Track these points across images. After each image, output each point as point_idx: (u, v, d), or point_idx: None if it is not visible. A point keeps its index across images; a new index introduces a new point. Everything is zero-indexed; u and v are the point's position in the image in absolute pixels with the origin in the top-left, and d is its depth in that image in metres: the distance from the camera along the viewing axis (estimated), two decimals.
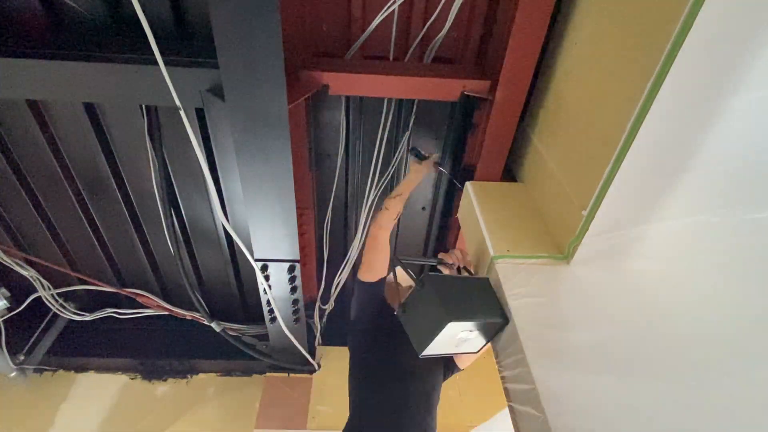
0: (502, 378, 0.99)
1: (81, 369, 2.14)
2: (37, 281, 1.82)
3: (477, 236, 1.26)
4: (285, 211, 1.31)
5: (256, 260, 1.47)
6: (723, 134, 0.83)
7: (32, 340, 1.96)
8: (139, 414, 2.01)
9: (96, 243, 1.81)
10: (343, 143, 1.57)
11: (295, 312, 1.70)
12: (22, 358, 1.91)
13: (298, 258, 1.47)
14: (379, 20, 1.29)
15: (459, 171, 1.59)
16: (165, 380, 2.13)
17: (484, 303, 1.00)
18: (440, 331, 0.90)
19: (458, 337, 0.98)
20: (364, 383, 1.28)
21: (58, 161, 1.52)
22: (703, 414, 0.79)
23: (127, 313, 2.00)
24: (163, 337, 2.18)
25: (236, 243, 1.43)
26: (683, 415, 0.79)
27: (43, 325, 2.02)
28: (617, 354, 0.89)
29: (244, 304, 2.12)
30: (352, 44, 1.37)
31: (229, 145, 1.26)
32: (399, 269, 1.34)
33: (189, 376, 2.16)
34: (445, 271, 1.27)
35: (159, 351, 2.13)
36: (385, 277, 1.32)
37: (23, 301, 1.84)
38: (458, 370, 1.36)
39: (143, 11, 0.94)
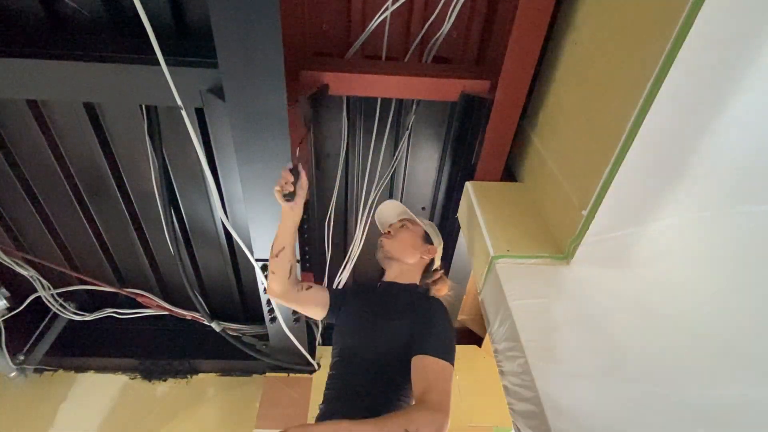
0: (503, 377, 0.99)
1: (81, 369, 2.14)
2: (37, 281, 1.82)
3: (477, 236, 1.26)
4: None
5: (257, 260, 1.47)
6: (723, 134, 0.83)
7: (32, 340, 1.96)
8: (139, 414, 2.01)
9: (96, 243, 1.81)
10: (344, 143, 1.57)
11: (295, 312, 1.70)
12: (22, 358, 1.91)
13: (298, 258, 1.47)
14: (378, 20, 1.29)
15: (459, 171, 1.59)
16: (165, 380, 2.13)
17: None
18: None
19: None
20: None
21: (58, 161, 1.52)
22: (702, 418, 0.79)
23: (127, 313, 2.00)
24: (163, 337, 2.18)
25: (236, 243, 1.43)
26: (682, 419, 0.79)
27: (43, 325, 2.02)
28: (618, 356, 0.89)
29: (244, 304, 2.12)
30: (352, 44, 1.37)
31: (229, 145, 1.26)
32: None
33: (189, 376, 2.15)
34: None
35: (159, 351, 2.13)
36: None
37: (23, 301, 1.84)
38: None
39: (144, 11, 0.94)
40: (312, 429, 0.87)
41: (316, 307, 1.26)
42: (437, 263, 1.35)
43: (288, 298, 1.22)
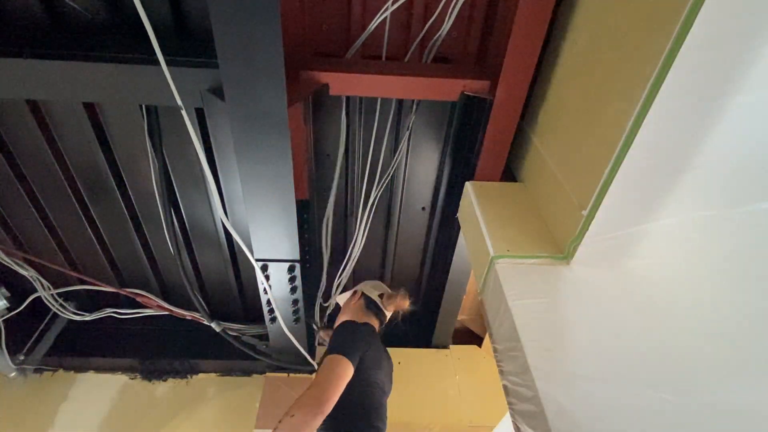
0: (503, 377, 0.99)
1: (81, 369, 2.14)
2: (37, 281, 1.82)
3: (477, 236, 1.26)
4: (285, 210, 1.31)
5: (257, 260, 1.47)
6: (722, 134, 0.83)
7: (32, 340, 1.96)
8: (139, 414, 2.01)
9: (96, 243, 1.81)
10: (344, 143, 1.57)
11: (295, 312, 1.70)
12: (22, 358, 1.91)
13: (298, 258, 1.47)
14: (378, 20, 1.29)
15: (459, 171, 1.59)
16: (165, 380, 2.13)
17: None
18: None
19: None
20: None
21: (58, 161, 1.52)
22: (704, 420, 0.79)
23: (127, 313, 2.00)
24: (163, 337, 2.18)
25: (236, 243, 1.43)
26: (684, 420, 0.79)
27: (43, 325, 2.02)
28: (617, 356, 0.89)
29: (244, 304, 2.12)
30: (352, 44, 1.37)
31: (229, 145, 1.26)
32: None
33: (189, 376, 2.16)
34: None
35: (159, 351, 2.13)
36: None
37: (23, 301, 1.84)
38: None
39: (144, 11, 0.94)
40: None
41: None
42: (372, 292, 1.58)
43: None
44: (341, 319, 1.55)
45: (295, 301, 1.65)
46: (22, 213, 1.68)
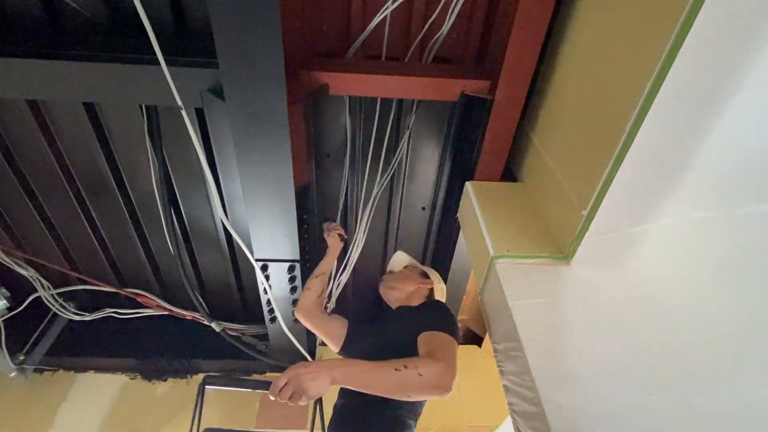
0: (503, 377, 0.99)
1: (81, 369, 2.14)
2: (37, 281, 1.82)
3: (477, 236, 1.26)
4: (285, 211, 1.31)
5: (257, 260, 1.47)
6: (723, 134, 0.83)
7: (32, 340, 1.97)
8: (139, 414, 2.01)
9: (96, 243, 1.81)
10: (343, 143, 1.57)
11: None
12: (22, 358, 1.91)
13: (298, 258, 1.47)
14: (378, 20, 1.29)
15: (459, 171, 1.59)
16: (165, 380, 2.13)
17: None
18: None
19: None
20: None
21: (58, 161, 1.52)
22: (705, 421, 0.79)
23: (127, 313, 2.00)
24: (163, 337, 2.18)
25: (236, 243, 1.43)
26: (684, 421, 0.79)
27: (43, 325, 2.03)
28: (617, 356, 0.89)
29: (244, 304, 2.12)
30: (352, 44, 1.37)
31: (229, 145, 1.26)
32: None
33: (189, 376, 2.16)
34: None
35: (159, 351, 2.13)
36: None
37: (23, 301, 1.84)
38: None
39: (144, 11, 0.94)
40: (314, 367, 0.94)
41: (333, 339, 1.40)
42: (439, 296, 1.53)
43: (313, 319, 1.44)
44: (399, 286, 1.52)
45: (295, 301, 1.65)
46: (22, 213, 1.68)
